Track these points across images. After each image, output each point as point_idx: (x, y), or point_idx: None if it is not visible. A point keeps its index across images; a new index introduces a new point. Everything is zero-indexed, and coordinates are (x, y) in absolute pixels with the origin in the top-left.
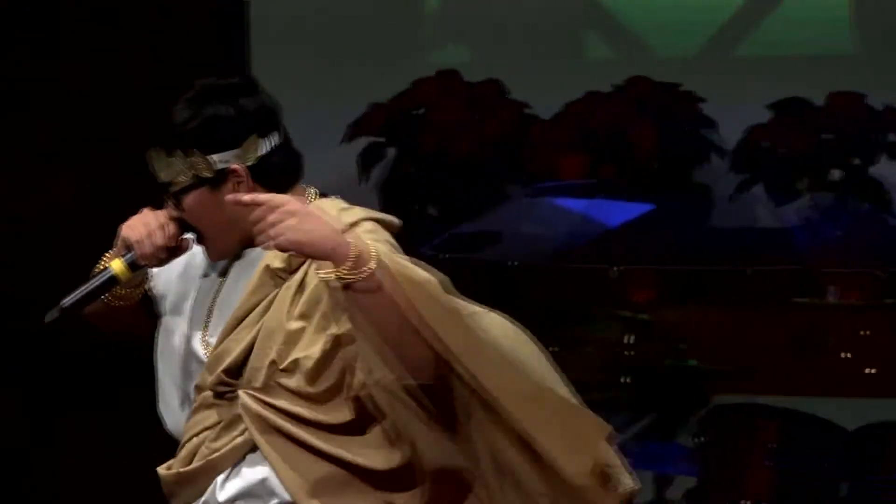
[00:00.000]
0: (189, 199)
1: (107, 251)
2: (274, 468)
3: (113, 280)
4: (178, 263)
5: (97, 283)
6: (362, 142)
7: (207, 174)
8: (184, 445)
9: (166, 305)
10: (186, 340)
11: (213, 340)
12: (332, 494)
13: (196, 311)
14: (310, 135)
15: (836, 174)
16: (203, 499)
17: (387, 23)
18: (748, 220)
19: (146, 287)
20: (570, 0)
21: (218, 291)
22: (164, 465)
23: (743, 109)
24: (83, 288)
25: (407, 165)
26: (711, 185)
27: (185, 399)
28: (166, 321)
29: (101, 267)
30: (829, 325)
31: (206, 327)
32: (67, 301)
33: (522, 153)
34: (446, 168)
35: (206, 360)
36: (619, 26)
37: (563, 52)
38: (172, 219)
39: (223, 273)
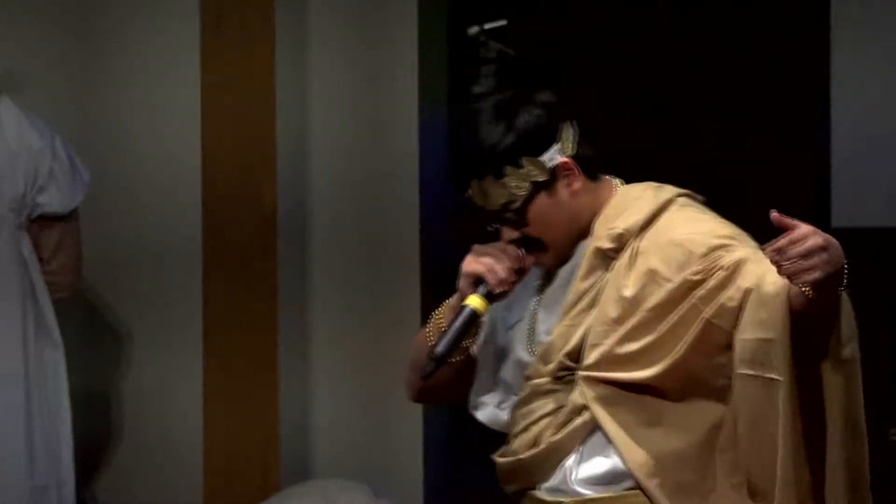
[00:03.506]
0: (532, 210)
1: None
2: (616, 445)
3: (474, 316)
4: None
5: (459, 324)
6: None
7: (542, 177)
8: (518, 434)
9: (488, 334)
10: (509, 344)
11: (541, 340)
12: (671, 473)
13: (521, 326)
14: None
15: None
16: (550, 483)
17: None
18: None
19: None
20: None
21: (542, 299)
22: (499, 453)
23: None
24: (449, 332)
25: None
26: None
27: (496, 401)
28: (486, 338)
29: (439, 315)
30: None
31: (532, 333)
32: (439, 349)
33: None
34: None
35: (530, 359)
36: None
37: None
38: (508, 242)
39: (545, 283)
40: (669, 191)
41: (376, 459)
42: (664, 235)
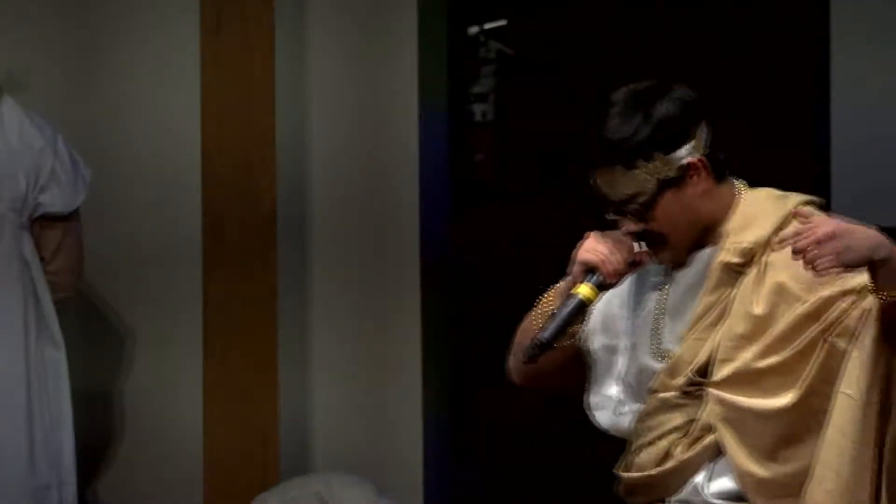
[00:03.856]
0: (658, 206)
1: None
2: (733, 462)
3: (582, 305)
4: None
5: (567, 311)
6: None
7: (671, 174)
8: (644, 447)
9: (595, 321)
10: (633, 350)
11: (668, 347)
12: (780, 497)
13: (641, 325)
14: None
15: None
16: (680, 496)
17: None
18: None
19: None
20: None
21: (664, 301)
22: (622, 467)
23: None
24: (555, 320)
25: None
26: None
27: (613, 403)
28: (603, 336)
29: (548, 299)
30: None
31: (656, 337)
32: (544, 335)
33: None
34: None
35: (658, 367)
36: None
37: None
38: (626, 234)
39: (664, 283)
40: (794, 199)
41: (376, 457)
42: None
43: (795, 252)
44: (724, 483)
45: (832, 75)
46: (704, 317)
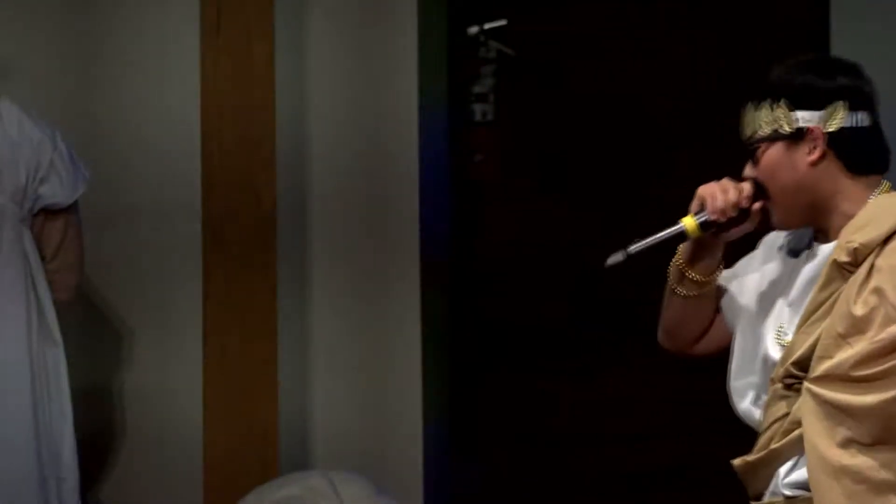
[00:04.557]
0: (765, 154)
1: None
2: (809, 454)
3: (682, 235)
4: (752, 268)
5: (665, 234)
6: None
7: (787, 129)
8: (760, 436)
9: (744, 302)
10: (762, 336)
11: (788, 337)
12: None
13: (771, 311)
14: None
15: None
16: (770, 488)
17: None
18: None
19: (717, 284)
20: None
21: (792, 292)
22: (741, 457)
23: None
24: (651, 238)
25: None
26: None
27: (755, 391)
28: (745, 319)
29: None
30: None
31: (780, 326)
32: (633, 248)
33: None
34: None
35: (776, 356)
36: None
37: None
38: (748, 180)
39: (793, 275)
40: None
41: (376, 455)
42: None
43: None
44: (799, 475)
45: None
46: (814, 313)
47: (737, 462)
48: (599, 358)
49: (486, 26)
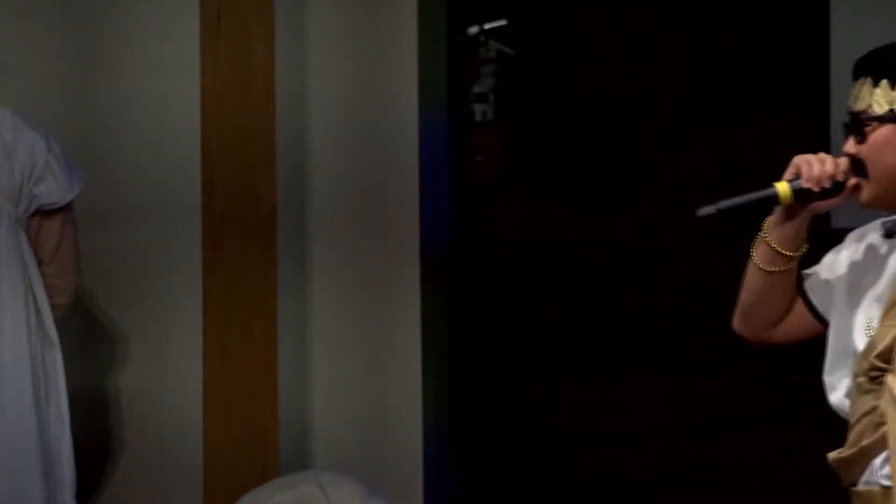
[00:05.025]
0: (876, 132)
1: None
2: (892, 446)
3: (773, 199)
4: (842, 261)
5: (756, 195)
6: None
7: None
8: (849, 430)
9: (836, 295)
10: (852, 330)
11: (874, 326)
12: None
13: (860, 306)
14: None
15: None
16: (864, 478)
17: None
18: None
19: (806, 273)
20: None
21: (882, 284)
22: (836, 451)
23: None
24: (742, 197)
25: None
26: None
27: (847, 385)
28: (837, 314)
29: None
30: None
31: (870, 322)
32: (725, 204)
33: None
34: None
35: (861, 348)
36: None
37: None
38: (848, 155)
39: (884, 266)
40: None
41: (375, 455)
42: None
43: None
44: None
45: (832, 69)
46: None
47: (832, 456)
48: (600, 358)
49: (486, 26)
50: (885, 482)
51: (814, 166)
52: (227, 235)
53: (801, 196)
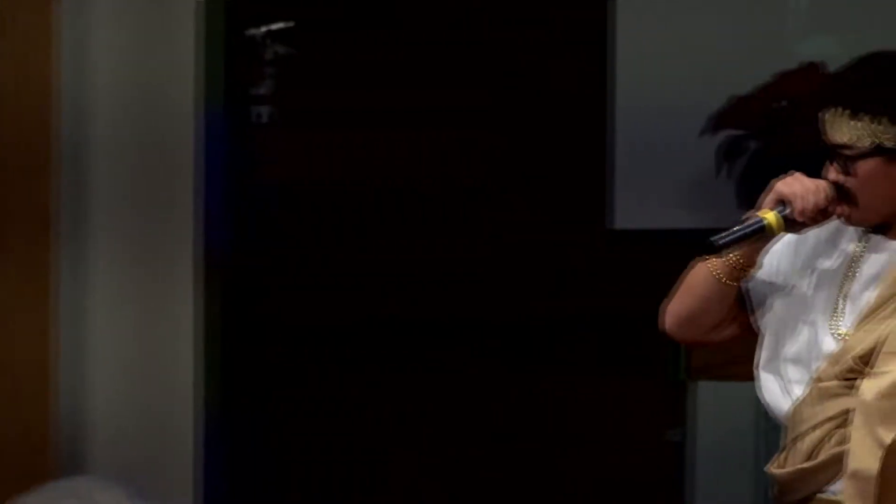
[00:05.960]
0: (862, 165)
1: None
2: (854, 449)
3: (762, 230)
4: (786, 256)
5: (748, 228)
6: (722, 134)
7: (889, 144)
8: (797, 440)
9: (784, 292)
10: (811, 329)
11: (842, 332)
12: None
13: (821, 301)
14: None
15: None
16: (837, 486)
17: (748, 14)
18: None
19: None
20: None
21: (849, 284)
22: (775, 464)
23: None
24: (735, 231)
25: (769, 160)
26: None
27: (786, 384)
28: (781, 308)
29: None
30: None
31: (834, 317)
32: (719, 239)
33: None
34: (813, 162)
35: (829, 350)
36: None
37: None
38: (831, 183)
39: (852, 266)
40: None
41: (149, 456)
42: None
43: None
44: None
45: (615, 74)
46: (879, 309)
47: (780, 471)
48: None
49: (269, 27)
50: None
51: (805, 199)
52: (1, 233)
53: (791, 225)
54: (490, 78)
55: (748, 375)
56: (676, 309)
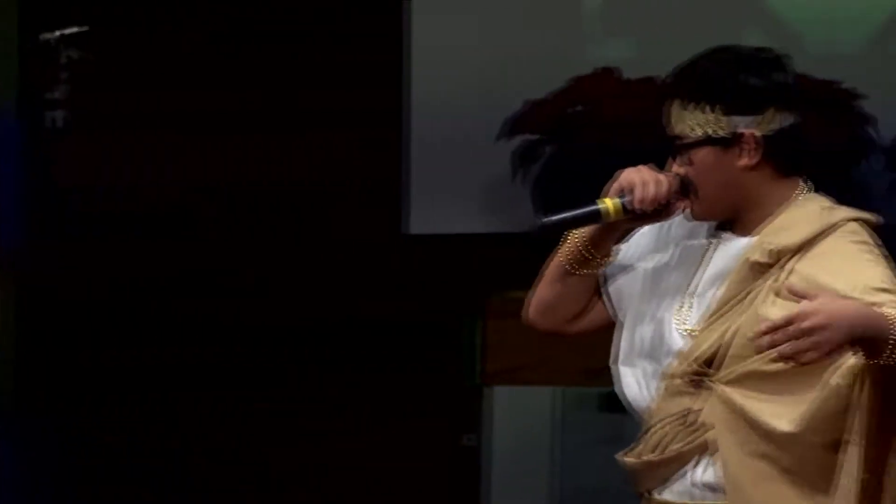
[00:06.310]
0: (698, 155)
1: None
2: (726, 468)
3: (598, 215)
4: (645, 251)
5: (583, 212)
6: (518, 139)
7: (721, 134)
8: (650, 431)
9: (637, 286)
10: (656, 325)
11: (688, 328)
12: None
13: (670, 297)
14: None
15: None
16: (673, 487)
17: (544, 19)
18: None
19: (605, 271)
20: None
21: (696, 280)
22: (631, 453)
23: None
24: (568, 212)
25: (565, 164)
26: (870, 182)
27: (642, 379)
28: (636, 304)
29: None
30: None
31: (680, 314)
32: (550, 219)
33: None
34: (606, 167)
35: (676, 346)
36: (779, 22)
37: None
38: (673, 174)
39: (701, 262)
40: (840, 213)
41: None
42: (818, 270)
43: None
44: (709, 476)
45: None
46: (723, 308)
47: (630, 460)
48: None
49: (62, 31)
50: (701, 492)
51: (646, 189)
52: None
53: (629, 214)
54: (285, 80)
55: (543, 381)
56: (535, 298)
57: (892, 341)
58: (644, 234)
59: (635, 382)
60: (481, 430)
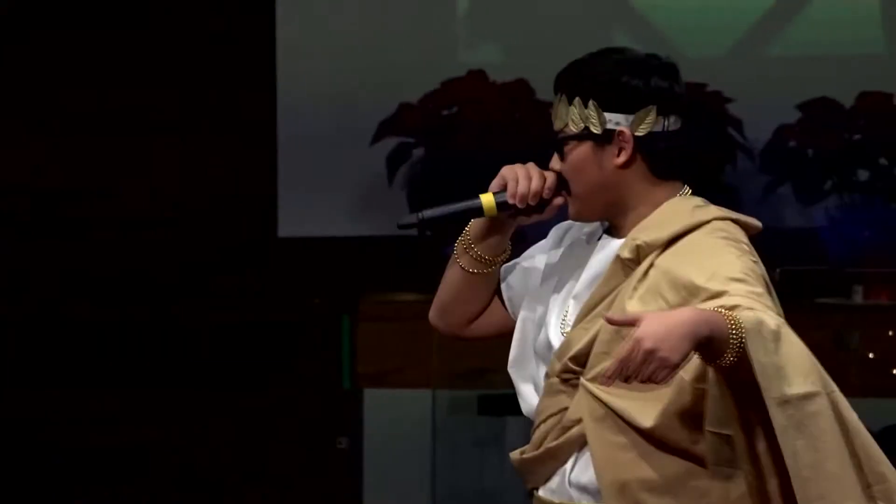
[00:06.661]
0: (572, 151)
1: None
2: (594, 458)
3: (477, 210)
4: (541, 256)
5: (461, 206)
6: (391, 142)
7: (596, 130)
8: (535, 429)
9: (530, 290)
10: (542, 328)
11: (569, 330)
12: (639, 499)
13: (555, 301)
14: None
15: (863, 174)
16: (552, 485)
17: (417, 22)
18: (776, 220)
19: (503, 272)
20: (599, 0)
21: (578, 282)
22: (519, 450)
23: (771, 110)
24: (445, 207)
25: (438, 166)
26: (739, 185)
27: (536, 383)
28: (528, 307)
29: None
30: (857, 326)
31: (564, 317)
32: (427, 213)
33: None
34: (479, 169)
35: (556, 345)
36: (647, 27)
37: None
38: (553, 171)
39: (580, 265)
40: (710, 212)
41: None
42: (677, 264)
43: (627, 381)
44: (585, 474)
45: (279, 86)
46: (595, 307)
47: (514, 456)
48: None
49: None
50: (576, 494)
51: (521, 184)
52: None
53: (507, 209)
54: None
55: (416, 383)
56: (435, 299)
57: (733, 340)
58: (550, 236)
59: (528, 385)
60: (354, 432)
